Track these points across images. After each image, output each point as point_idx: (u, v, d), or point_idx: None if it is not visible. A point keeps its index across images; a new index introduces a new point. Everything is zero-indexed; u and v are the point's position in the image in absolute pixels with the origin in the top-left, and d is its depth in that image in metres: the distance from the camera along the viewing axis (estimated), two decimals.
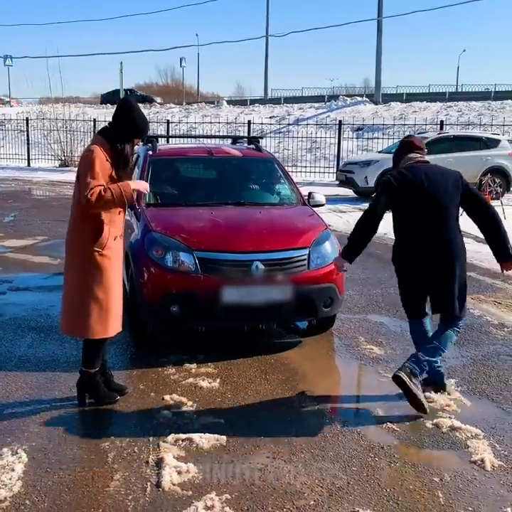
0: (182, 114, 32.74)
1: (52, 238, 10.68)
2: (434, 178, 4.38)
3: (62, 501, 3.21)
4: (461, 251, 4.41)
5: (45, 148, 25.27)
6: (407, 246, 4.43)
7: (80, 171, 4.03)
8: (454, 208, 4.40)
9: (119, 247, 4.21)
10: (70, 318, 4.19)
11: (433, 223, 4.33)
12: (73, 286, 4.14)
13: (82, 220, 4.08)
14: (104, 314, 4.09)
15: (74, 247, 4.13)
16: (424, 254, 4.34)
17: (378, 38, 33.37)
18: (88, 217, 4.04)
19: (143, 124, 4.16)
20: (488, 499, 3.29)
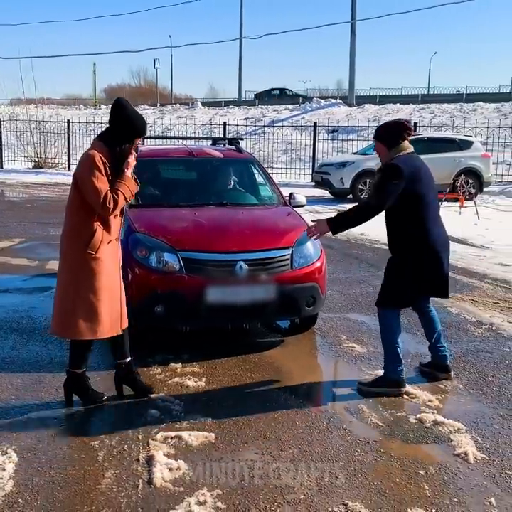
0: (156, 116, 32.67)
1: (30, 240, 10.63)
2: (427, 167, 4.58)
3: (55, 499, 3.23)
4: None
5: (18, 149, 25.03)
6: (424, 237, 4.44)
7: (83, 176, 3.96)
8: None
9: (113, 250, 4.20)
10: (59, 318, 4.20)
11: (438, 214, 4.57)
12: (64, 286, 4.15)
13: (77, 222, 4.06)
14: (92, 316, 4.09)
15: (68, 249, 4.12)
16: (441, 245, 4.51)
17: (352, 40, 33.68)
18: (83, 220, 4.03)
19: (141, 122, 4.09)
20: (473, 490, 3.38)
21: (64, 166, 24.66)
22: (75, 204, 4.07)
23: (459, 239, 11.07)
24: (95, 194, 3.91)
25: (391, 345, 4.61)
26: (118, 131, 4.03)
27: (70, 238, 4.10)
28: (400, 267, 4.56)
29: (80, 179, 4.01)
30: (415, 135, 18.20)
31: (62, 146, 24.77)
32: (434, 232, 4.49)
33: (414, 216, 4.43)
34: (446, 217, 13.47)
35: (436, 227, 4.53)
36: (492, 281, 7.99)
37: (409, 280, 4.51)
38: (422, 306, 4.87)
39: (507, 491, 3.36)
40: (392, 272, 4.61)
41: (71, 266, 4.09)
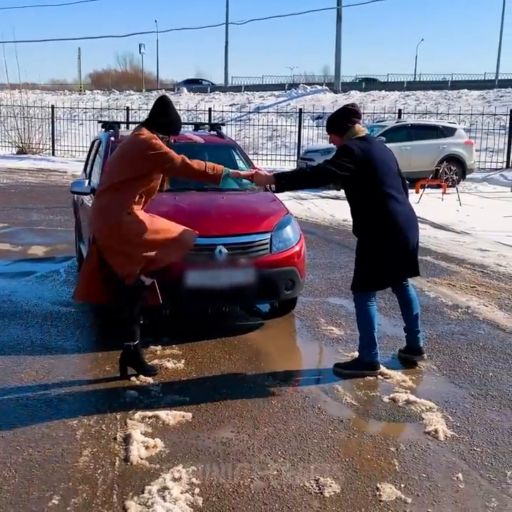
0: (141, 101, 32.55)
1: (13, 225, 10.63)
2: (386, 150, 4.69)
3: (32, 476, 3.29)
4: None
5: (2, 135, 24.86)
6: (383, 216, 4.48)
7: (145, 148, 4.24)
8: None
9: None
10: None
11: (401, 192, 4.61)
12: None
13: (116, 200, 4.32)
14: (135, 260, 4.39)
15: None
16: (404, 222, 4.52)
17: (338, 26, 33.67)
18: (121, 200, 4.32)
19: (180, 125, 4.59)
20: (441, 466, 3.48)
21: (48, 152, 24.53)
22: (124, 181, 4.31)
23: (440, 225, 11.20)
24: (165, 156, 4.26)
25: (367, 329, 4.69)
26: (160, 125, 4.39)
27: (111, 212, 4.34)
28: (364, 248, 4.63)
29: (148, 156, 4.24)
30: (399, 122, 18.32)
31: (47, 132, 24.63)
32: (394, 210, 4.48)
33: (371, 196, 4.48)
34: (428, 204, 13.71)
35: (397, 205, 4.51)
36: (470, 266, 8.10)
37: (375, 261, 4.55)
38: (399, 286, 4.92)
39: (474, 467, 3.46)
40: (358, 255, 4.70)
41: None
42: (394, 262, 4.58)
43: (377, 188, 4.48)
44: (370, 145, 4.53)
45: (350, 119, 4.58)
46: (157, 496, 3.10)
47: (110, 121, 7.36)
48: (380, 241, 4.52)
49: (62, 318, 5.81)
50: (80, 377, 4.59)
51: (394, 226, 4.49)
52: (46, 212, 12.04)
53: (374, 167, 4.45)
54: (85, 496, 3.12)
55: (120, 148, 4.48)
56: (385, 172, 4.53)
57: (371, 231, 4.54)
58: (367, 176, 4.45)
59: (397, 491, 3.21)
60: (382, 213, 4.47)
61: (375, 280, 4.66)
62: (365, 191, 4.50)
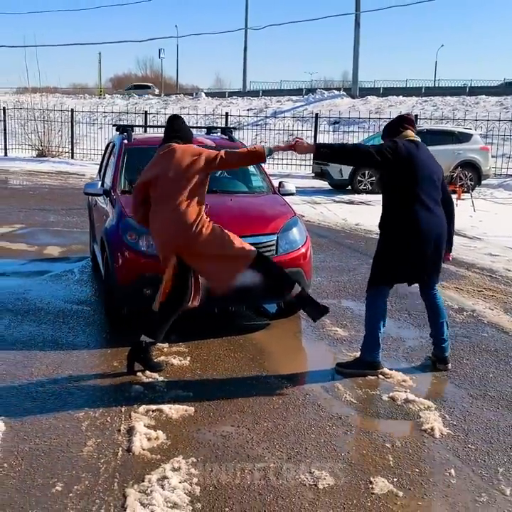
0: (160, 106, 32.85)
1: (30, 226, 10.84)
2: (431, 158, 4.75)
3: (38, 464, 3.42)
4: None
5: (23, 138, 25.23)
6: (409, 219, 4.57)
7: (202, 153, 4.60)
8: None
9: None
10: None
11: (436, 202, 4.67)
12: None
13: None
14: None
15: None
16: (427, 231, 4.58)
17: (356, 32, 33.72)
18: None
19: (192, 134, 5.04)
20: (435, 462, 3.56)
21: (67, 155, 24.86)
22: (190, 195, 4.57)
23: None
24: (213, 154, 4.58)
25: (373, 329, 4.78)
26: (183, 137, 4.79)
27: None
28: (382, 243, 4.73)
29: (200, 161, 4.55)
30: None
31: (66, 135, 24.96)
32: (420, 216, 4.56)
33: (403, 196, 4.58)
34: None
35: (426, 213, 4.58)
36: (479, 270, 8.15)
37: (388, 257, 4.66)
38: (425, 292, 4.96)
39: (467, 463, 3.54)
40: (377, 249, 4.79)
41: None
42: (405, 265, 4.65)
43: (411, 190, 4.57)
44: (416, 148, 4.63)
45: (403, 124, 4.75)
46: (156, 485, 3.22)
47: (124, 125, 7.51)
48: (397, 240, 4.62)
49: (74, 315, 5.96)
50: (88, 372, 4.73)
51: (414, 231, 4.56)
52: (63, 214, 12.25)
53: (414, 168, 4.55)
54: (87, 484, 3.25)
55: (173, 163, 4.62)
56: (424, 177, 4.60)
57: (392, 228, 4.65)
58: (404, 174, 4.55)
59: (390, 484, 3.30)
60: (407, 215, 4.56)
61: (384, 275, 4.75)
62: (399, 189, 4.60)
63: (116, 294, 5.46)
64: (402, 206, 4.60)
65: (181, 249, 4.54)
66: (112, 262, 5.46)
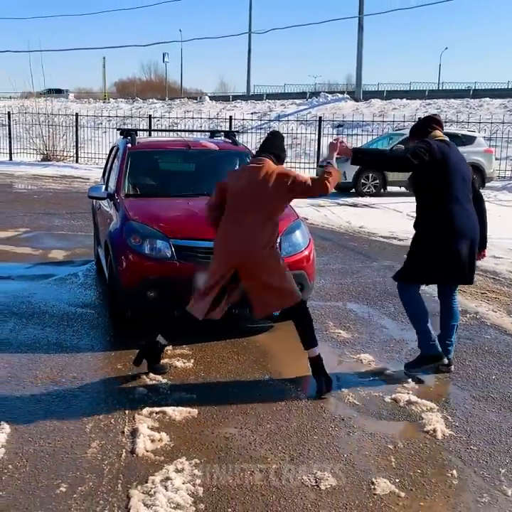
0: (164, 110, 32.93)
1: (34, 230, 10.88)
2: (461, 157, 4.77)
3: (42, 466, 3.45)
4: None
5: (28, 142, 25.31)
6: (443, 219, 4.58)
7: (290, 177, 4.48)
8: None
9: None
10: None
11: (468, 200, 4.68)
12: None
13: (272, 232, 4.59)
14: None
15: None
16: (461, 230, 4.59)
17: (359, 35, 33.77)
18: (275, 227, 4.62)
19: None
20: (437, 463, 3.58)
21: (72, 159, 24.93)
22: (267, 216, 4.52)
23: None
24: (304, 181, 4.50)
25: (420, 323, 4.77)
26: (277, 155, 4.66)
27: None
28: (417, 242, 4.74)
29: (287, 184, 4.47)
30: None
31: (71, 139, 25.03)
32: (455, 215, 4.57)
33: (437, 195, 4.60)
34: None
35: (461, 211, 4.60)
36: (483, 272, 8.15)
37: (424, 256, 4.66)
38: (446, 294, 4.97)
39: (469, 464, 3.56)
40: (411, 248, 4.79)
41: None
42: (440, 265, 4.64)
43: (446, 189, 4.59)
44: (448, 147, 4.66)
45: (431, 125, 4.79)
46: (160, 486, 3.25)
47: (128, 129, 7.56)
48: (432, 239, 4.62)
49: (78, 318, 5.99)
50: (92, 374, 4.76)
51: (449, 230, 4.57)
52: (67, 218, 12.30)
53: (447, 167, 4.57)
54: (91, 485, 3.27)
55: (261, 179, 4.53)
56: (457, 176, 4.63)
57: (427, 228, 4.65)
58: (439, 174, 4.57)
59: (392, 485, 3.32)
60: (443, 214, 4.58)
61: (419, 275, 4.76)
62: (434, 189, 4.61)
63: (121, 297, 5.49)
64: (436, 206, 4.62)
65: (243, 266, 4.49)
66: (116, 265, 5.49)
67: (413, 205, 4.88)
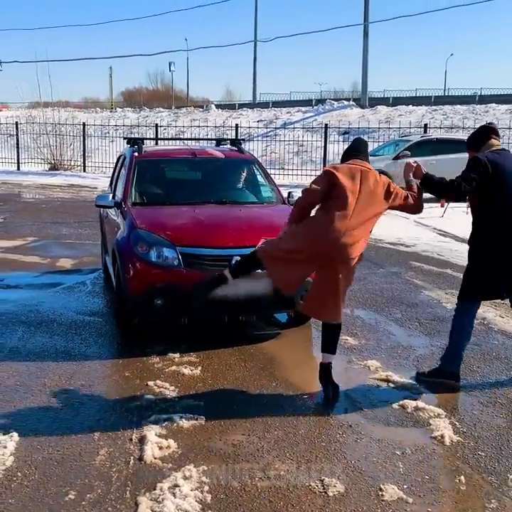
0: (171, 118, 33.04)
1: (42, 239, 10.93)
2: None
3: (51, 473, 3.47)
4: None
5: (35, 152, 25.44)
6: (496, 230, 4.53)
7: (395, 187, 4.60)
8: None
9: None
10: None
11: None
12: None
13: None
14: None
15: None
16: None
17: (365, 42, 33.81)
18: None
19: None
20: (445, 469, 3.58)
21: (79, 168, 25.04)
22: (366, 220, 4.47)
23: (463, 238, 11.19)
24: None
25: (456, 344, 4.74)
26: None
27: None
28: (472, 258, 4.69)
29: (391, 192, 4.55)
30: (425, 136, 18.36)
31: (78, 149, 25.15)
32: (509, 227, 4.52)
33: (490, 207, 4.53)
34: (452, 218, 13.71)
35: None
36: None
37: (477, 269, 4.62)
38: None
39: (477, 470, 3.55)
40: (467, 264, 4.75)
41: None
42: (497, 278, 4.59)
43: (502, 201, 4.50)
44: (501, 158, 4.59)
45: (487, 135, 4.75)
46: (168, 493, 3.26)
47: (135, 138, 7.61)
48: (487, 253, 4.57)
49: (86, 326, 6.01)
50: (100, 382, 4.78)
51: (502, 242, 4.52)
52: (75, 227, 12.36)
53: (501, 179, 4.49)
54: (100, 492, 3.29)
55: (369, 185, 4.51)
56: (510, 188, 4.53)
57: (483, 241, 4.59)
58: (492, 187, 4.50)
59: (400, 491, 3.31)
60: (494, 228, 4.52)
61: (472, 291, 4.71)
62: (486, 201, 4.55)
63: (128, 305, 5.52)
64: (493, 220, 4.53)
65: (334, 261, 4.45)
66: (123, 272, 5.52)
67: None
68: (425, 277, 8.22)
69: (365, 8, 33.23)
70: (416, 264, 8.99)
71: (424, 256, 9.67)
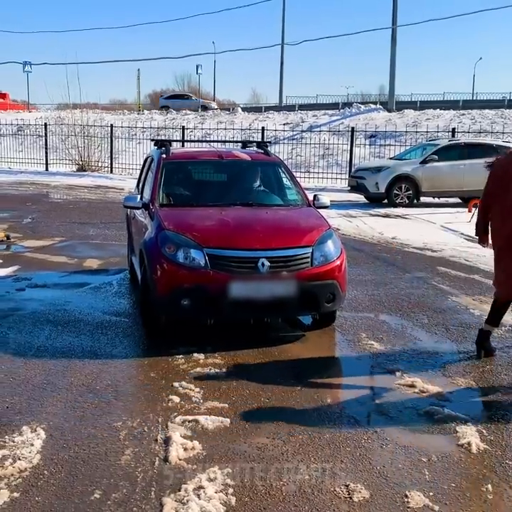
0: (197, 121, 33.15)
1: (70, 239, 11.04)
2: None
3: (77, 472, 3.50)
4: None
5: (63, 153, 25.72)
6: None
7: None
8: None
9: None
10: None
11: None
12: None
13: None
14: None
15: None
16: None
17: (392, 46, 33.64)
18: None
19: None
20: (471, 477, 3.54)
21: (107, 170, 25.25)
22: None
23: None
24: None
25: None
26: None
27: None
28: None
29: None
30: (453, 140, 18.20)
31: (105, 150, 25.38)
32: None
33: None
34: None
35: None
36: None
37: None
38: None
39: (505, 479, 3.50)
40: None
41: None
42: None
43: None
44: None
45: None
46: (192, 494, 3.26)
47: (162, 139, 7.66)
48: None
49: (112, 327, 6.06)
50: (126, 382, 4.81)
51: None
52: (102, 227, 12.46)
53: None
54: (125, 492, 3.30)
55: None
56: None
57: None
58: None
59: (425, 498, 3.28)
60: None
61: None
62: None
63: (155, 305, 5.56)
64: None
65: None
66: (151, 273, 5.56)
67: (447, 216, 4.88)
68: (452, 283, 8.14)
69: (394, 12, 33.05)
70: (443, 270, 8.91)
71: (452, 261, 9.57)
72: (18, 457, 3.62)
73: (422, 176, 16.24)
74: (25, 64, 43.89)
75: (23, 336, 5.75)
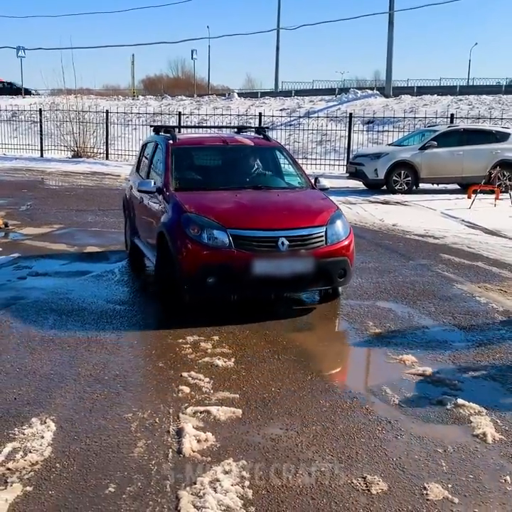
0: (193, 106, 32.95)
1: (68, 226, 10.95)
2: None
3: (90, 465, 3.44)
4: None
5: (58, 139, 25.51)
6: None
7: None
8: None
9: None
10: None
11: None
12: None
13: None
14: None
15: None
16: None
17: (390, 31, 33.40)
18: None
19: None
20: (489, 468, 3.49)
21: (102, 156, 25.05)
22: None
23: (492, 230, 11.06)
24: None
25: None
26: None
27: None
28: None
29: None
30: (452, 126, 18.10)
31: (101, 136, 25.16)
32: None
33: None
34: (480, 209, 13.60)
35: None
36: None
37: None
38: None
39: None
40: None
41: None
42: None
43: None
44: None
45: None
46: (209, 487, 3.21)
47: (161, 125, 7.66)
48: None
49: (117, 315, 5.99)
50: (134, 372, 4.75)
51: None
52: (100, 214, 12.35)
53: None
54: (140, 485, 3.25)
55: None
56: None
57: None
58: None
59: (444, 490, 3.24)
60: None
61: None
62: None
63: (182, 284, 5.77)
64: None
65: None
66: (175, 254, 5.76)
67: (446, 202, 4.82)
68: (456, 270, 8.10)
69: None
70: (446, 257, 8.86)
71: (455, 248, 9.53)
72: (29, 450, 3.57)
73: (421, 162, 16.15)
74: (18, 49, 43.33)
75: (26, 325, 5.69)
